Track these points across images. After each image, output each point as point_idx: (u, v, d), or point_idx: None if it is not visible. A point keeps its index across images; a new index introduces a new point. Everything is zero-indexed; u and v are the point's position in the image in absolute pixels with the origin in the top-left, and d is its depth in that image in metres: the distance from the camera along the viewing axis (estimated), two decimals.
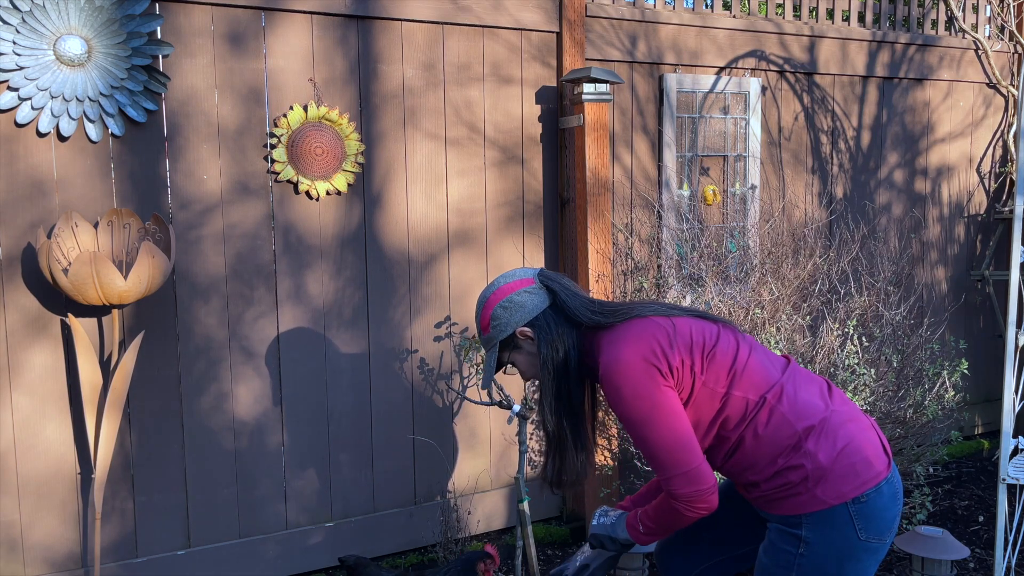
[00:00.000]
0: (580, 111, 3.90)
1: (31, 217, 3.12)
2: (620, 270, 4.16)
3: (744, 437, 2.17)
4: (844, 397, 2.30)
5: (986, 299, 5.48)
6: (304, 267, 3.59)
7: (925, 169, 5.22)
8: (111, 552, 3.32)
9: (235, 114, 3.42)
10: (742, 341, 2.24)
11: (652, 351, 2.09)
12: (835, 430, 2.16)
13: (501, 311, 2.20)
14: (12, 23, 2.99)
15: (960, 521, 4.26)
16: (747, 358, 2.18)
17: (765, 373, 2.19)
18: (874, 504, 2.14)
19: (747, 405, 2.15)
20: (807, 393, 2.21)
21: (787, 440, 2.14)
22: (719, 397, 2.15)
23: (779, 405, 2.15)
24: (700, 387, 2.14)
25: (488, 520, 4.05)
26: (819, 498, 2.12)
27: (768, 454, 2.15)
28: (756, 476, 2.18)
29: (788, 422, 2.14)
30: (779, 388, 2.17)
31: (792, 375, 2.24)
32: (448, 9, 3.75)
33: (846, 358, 3.58)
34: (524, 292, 2.19)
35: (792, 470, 2.13)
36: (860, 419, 2.23)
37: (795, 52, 4.66)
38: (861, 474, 2.13)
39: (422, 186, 3.80)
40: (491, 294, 2.23)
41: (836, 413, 2.19)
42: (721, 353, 2.16)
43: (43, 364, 3.18)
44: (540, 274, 2.24)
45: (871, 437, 2.20)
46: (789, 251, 4.01)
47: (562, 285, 2.22)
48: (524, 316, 2.18)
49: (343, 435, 3.71)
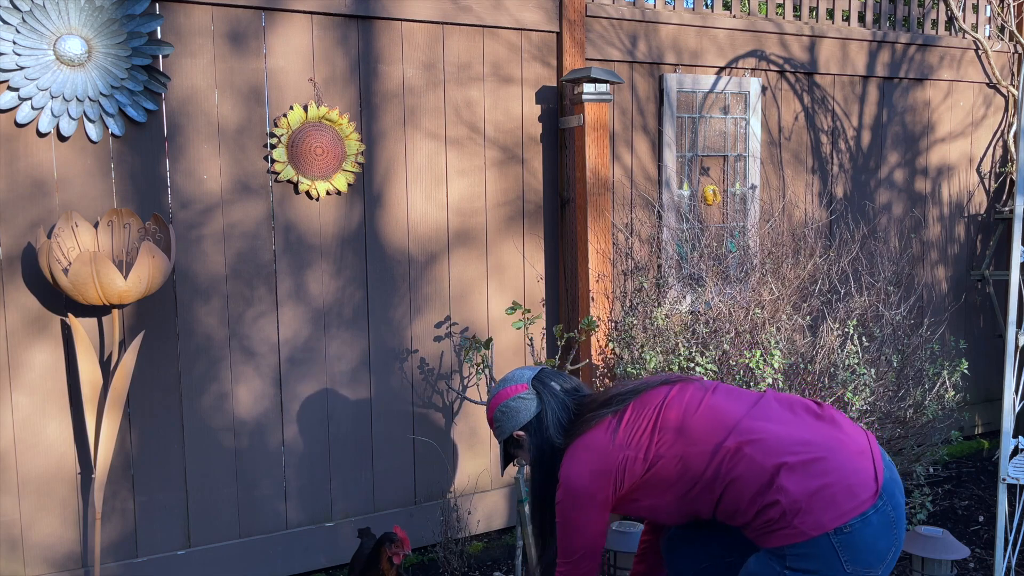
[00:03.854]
0: (580, 111, 3.90)
1: (31, 217, 3.13)
2: (620, 270, 4.16)
3: (720, 486, 2.22)
4: (837, 420, 2.29)
5: (986, 299, 5.48)
6: (304, 267, 3.59)
7: (925, 169, 5.22)
8: (111, 552, 3.32)
9: (235, 114, 3.42)
10: (695, 394, 2.33)
11: (593, 472, 2.31)
12: (811, 463, 2.16)
13: (500, 415, 2.47)
14: (12, 23, 2.99)
15: (960, 521, 4.26)
16: (696, 410, 2.29)
17: (718, 420, 2.26)
18: (860, 534, 2.12)
19: (707, 456, 2.23)
20: (778, 426, 2.23)
21: (760, 479, 2.17)
22: (674, 459, 2.26)
23: (744, 448, 2.20)
24: (654, 457, 2.27)
25: (488, 520, 4.05)
26: (799, 529, 2.13)
27: (746, 497, 2.19)
28: (743, 519, 2.22)
29: (756, 462, 2.18)
30: (740, 431, 2.22)
31: (762, 411, 2.27)
32: (448, 9, 3.75)
33: (846, 358, 3.58)
34: (518, 398, 2.44)
35: (770, 507, 2.16)
36: (846, 446, 2.20)
37: (795, 52, 4.66)
38: (842, 504, 2.12)
39: (422, 186, 3.80)
40: (493, 398, 2.50)
41: (811, 445, 2.18)
42: (664, 420, 2.30)
43: (43, 364, 3.18)
44: (535, 379, 2.47)
45: (858, 465, 2.17)
46: (789, 251, 4.01)
47: (549, 394, 2.44)
48: (518, 422, 2.44)
49: (343, 435, 3.71)
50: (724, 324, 3.73)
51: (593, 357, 3.93)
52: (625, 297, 4.11)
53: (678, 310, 3.88)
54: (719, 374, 3.55)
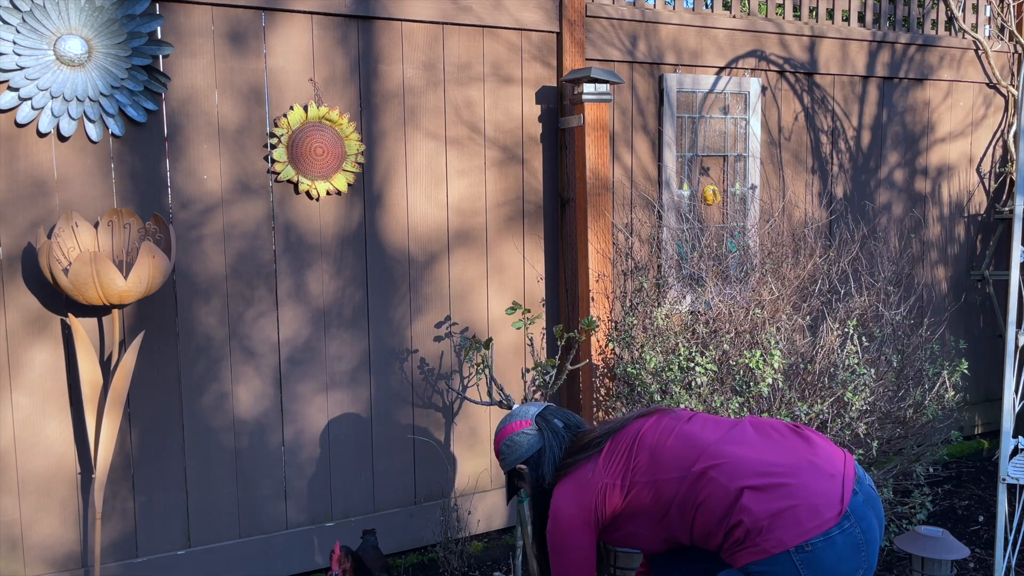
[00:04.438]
0: (580, 111, 3.90)
1: (31, 217, 3.13)
2: (620, 270, 4.16)
3: (691, 510, 2.28)
4: (812, 440, 2.32)
5: (986, 299, 5.48)
6: (304, 267, 3.59)
7: (925, 169, 5.22)
8: (111, 551, 3.33)
9: (235, 114, 3.42)
10: (669, 424, 2.41)
11: (576, 503, 2.41)
12: (775, 486, 2.19)
13: (505, 448, 2.58)
14: (12, 23, 2.99)
15: (960, 521, 4.26)
16: (668, 438, 2.36)
17: (689, 447, 2.32)
18: (823, 554, 2.13)
19: (675, 482, 2.29)
20: (747, 450, 2.28)
21: (725, 501, 2.22)
22: (648, 485, 2.33)
23: (709, 472, 2.26)
24: (629, 484, 2.36)
25: (488, 520, 4.05)
26: (762, 547, 2.16)
27: (715, 519, 2.24)
28: (715, 541, 2.27)
29: (721, 485, 2.23)
30: (708, 456, 2.28)
31: (734, 436, 2.33)
32: (448, 9, 3.75)
33: (846, 358, 3.58)
34: (522, 433, 2.55)
35: (735, 528, 2.20)
36: (815, 467, 2.22)
37: (795, 52, 4.66)
38: (804, 522, 2.14)
39: (422, 186, 3.80)
40: (499, 432, 2.61)
41: (778, 467, 2.22)
42: (639, 449, 2.39)
43: (44, 363, 3.18)
44: (539, 416, 2.58)
45: (824, 487, 2.18)
46: (789, 251, 4.01)
47: (551, 431, 2.54)
48: (520, 455, 2.55)
49: (343, 435, 3.71)
50: (724, 324, 3.73)
51: (593, 357, 3.93)
52: (625, 297, 4.11)
53: (678, 310, 3.88)
54: (719, 374, 3.56)
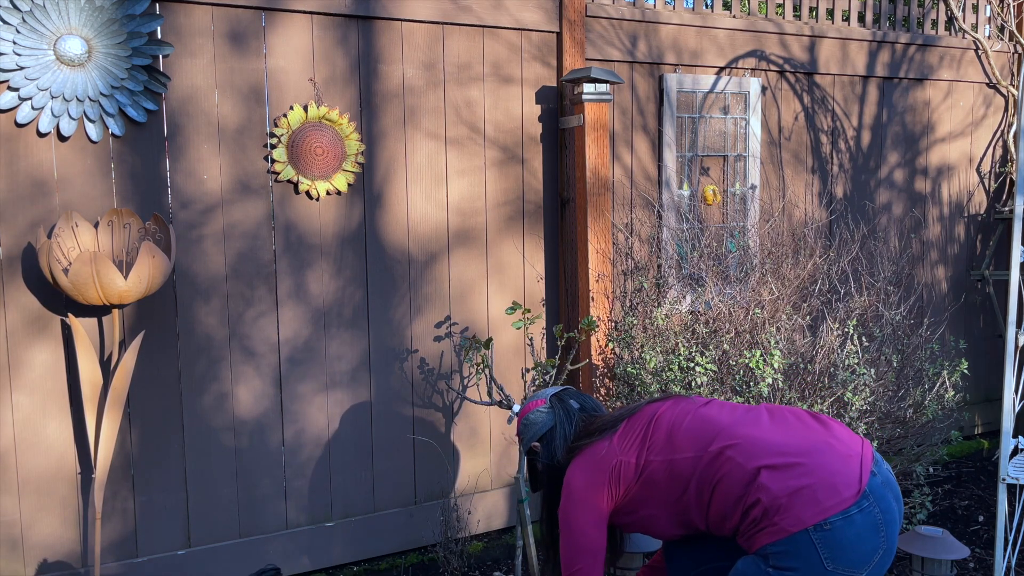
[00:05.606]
0: (580, 111, 3.90)
1: (31, 217, 3.13)
2: (620, 270, 4.16)
3: (708, 490, 2.28)
4: (829, 424, 2.33)
5: (986, 299, 5.48)
6: (304, 267, 3.59)
7: (925, 169, 5.22)
8: (111, 551, 3.33)
9: (235, 114, 3.42)
10: (686, 407, 2.43)
11: (590, 478, 2.42)
12: (793, 465, 2.19)
13: (522, 427, 2.64)
14: (12, 23, 2.99)
15: (960, 521, 4.26)
16: (684, 420, 2.38)
17: (705, 428, 2.34)
18: (842, 533, 2.13)
19: (692, 461, 2.30)
20: (763, 432, 2.28)
21: (743, 480, 2.22)
22: (663, 464, 2.34)
23: (726, 451, 2.26)
24: (644, 462, 2.37)
25: (488, 520, 4.05)
26: (780, 526, 2.16)
27: (732, 499, 2.24)
28: (732, 523, 2.26)
29: (739, 464, 2.24)
30: (724, 437, 2.29)
31: (750, 419, 2.34)
32: (448, 9, 3.75)
33: (846, 358, 3.58)
34: (537, 411, 2.61)
35: (753, 507, 2.20)
36: (832, 448, 2.22)
37: (795, 52, 4.66)
38: (823, 501, 2.14)
39: (422, 186, 3.80)
40: (519, 413, 2.68)
41: (795, 448, 2.23)
42: (655, 429, 2.42)
43: (44, 363, 3.18)
44: (554, 396, 2.64)
45: (842, 467, 2.19)
46: (789, 251, 4.01)
47: (564, 410, 2.59)
48: (536, 433, 2.60)
49: (343, 435, 3.71)
50: (724, 324, 3.73)
51: (593, 357, 3.93)
52: (625, 297, 4.11)
53: (678, 310, 3.88)
54: (719, 374, 3.56)
